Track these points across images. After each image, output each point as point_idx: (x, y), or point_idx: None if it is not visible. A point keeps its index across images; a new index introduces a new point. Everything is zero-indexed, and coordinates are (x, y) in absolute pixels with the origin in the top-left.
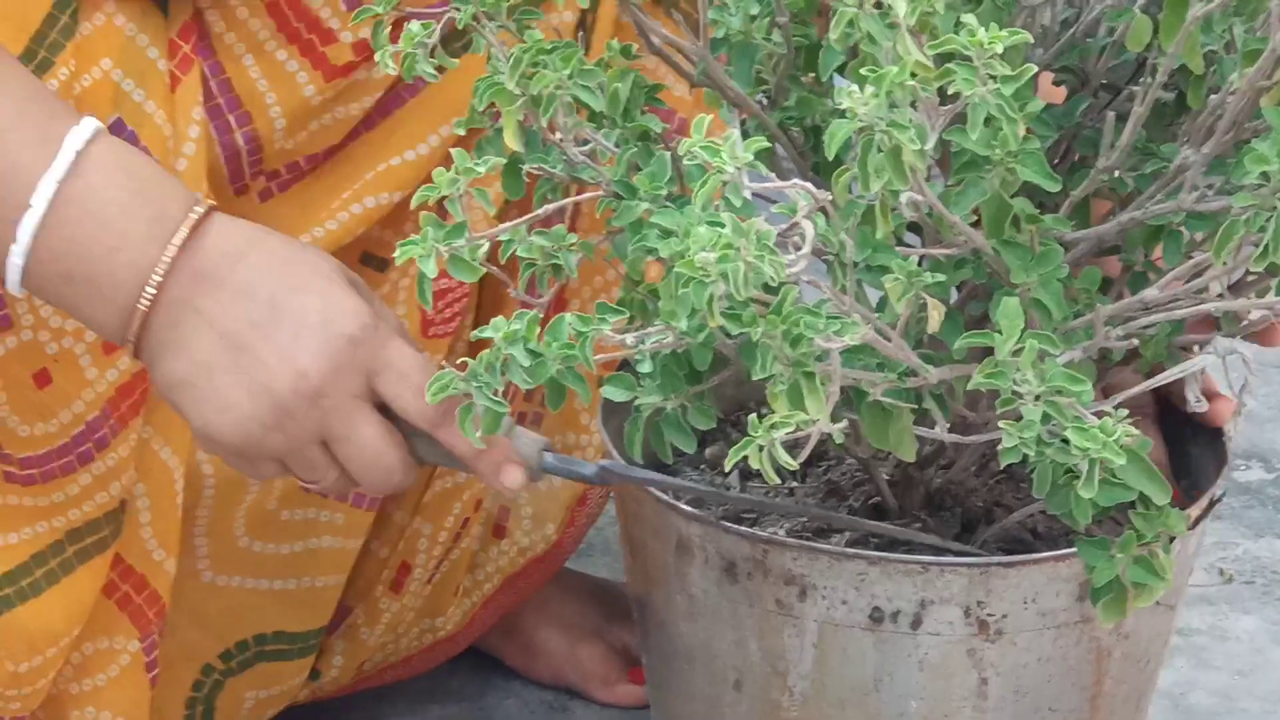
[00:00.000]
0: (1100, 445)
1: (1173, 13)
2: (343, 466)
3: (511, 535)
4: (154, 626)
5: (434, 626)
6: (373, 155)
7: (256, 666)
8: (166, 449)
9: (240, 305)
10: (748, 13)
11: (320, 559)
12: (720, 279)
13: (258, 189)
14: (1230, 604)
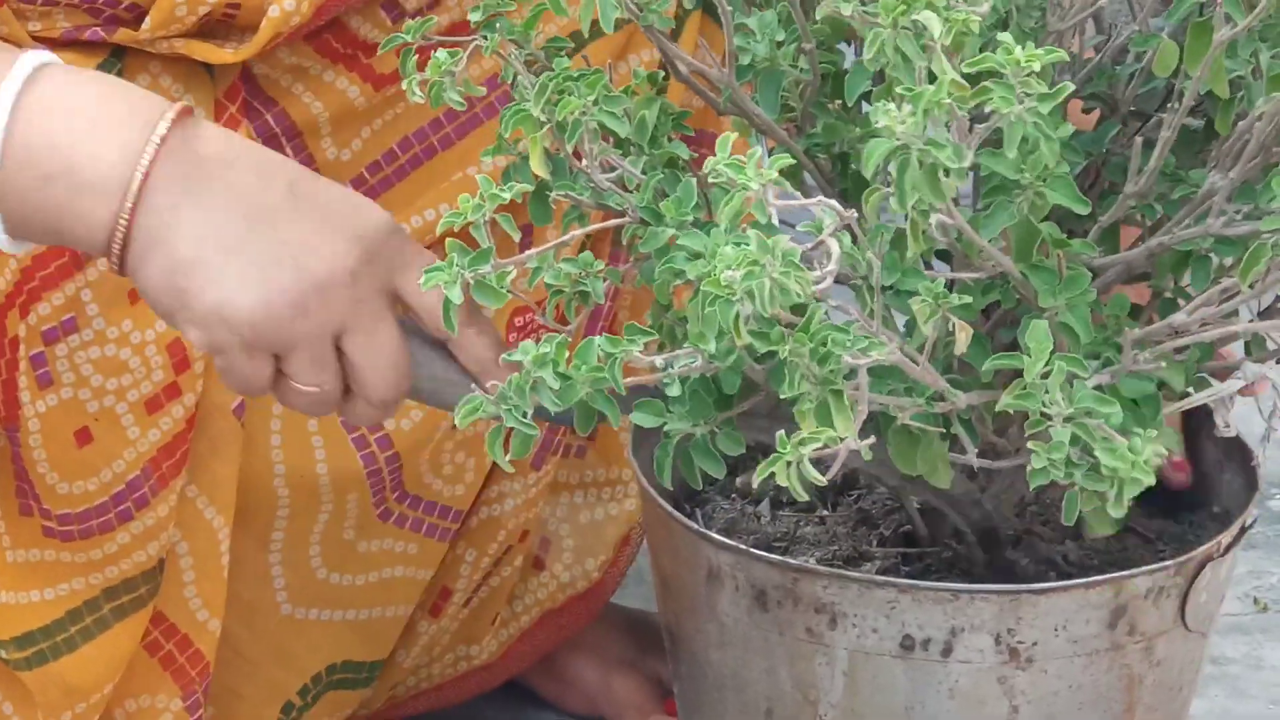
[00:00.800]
0: (1130, 465)
1: (1198, 38)
2: (349, 369)
3: (551, 569)
4: (196, 685)
5: (469, 655)
6: (449, 170)
7: (327, 696)
8: (211, 508)
9: (258, 187)
10: (773, 39)
11: (393, 589)
12: (746, 297)
13: None
14: (1265, 633)
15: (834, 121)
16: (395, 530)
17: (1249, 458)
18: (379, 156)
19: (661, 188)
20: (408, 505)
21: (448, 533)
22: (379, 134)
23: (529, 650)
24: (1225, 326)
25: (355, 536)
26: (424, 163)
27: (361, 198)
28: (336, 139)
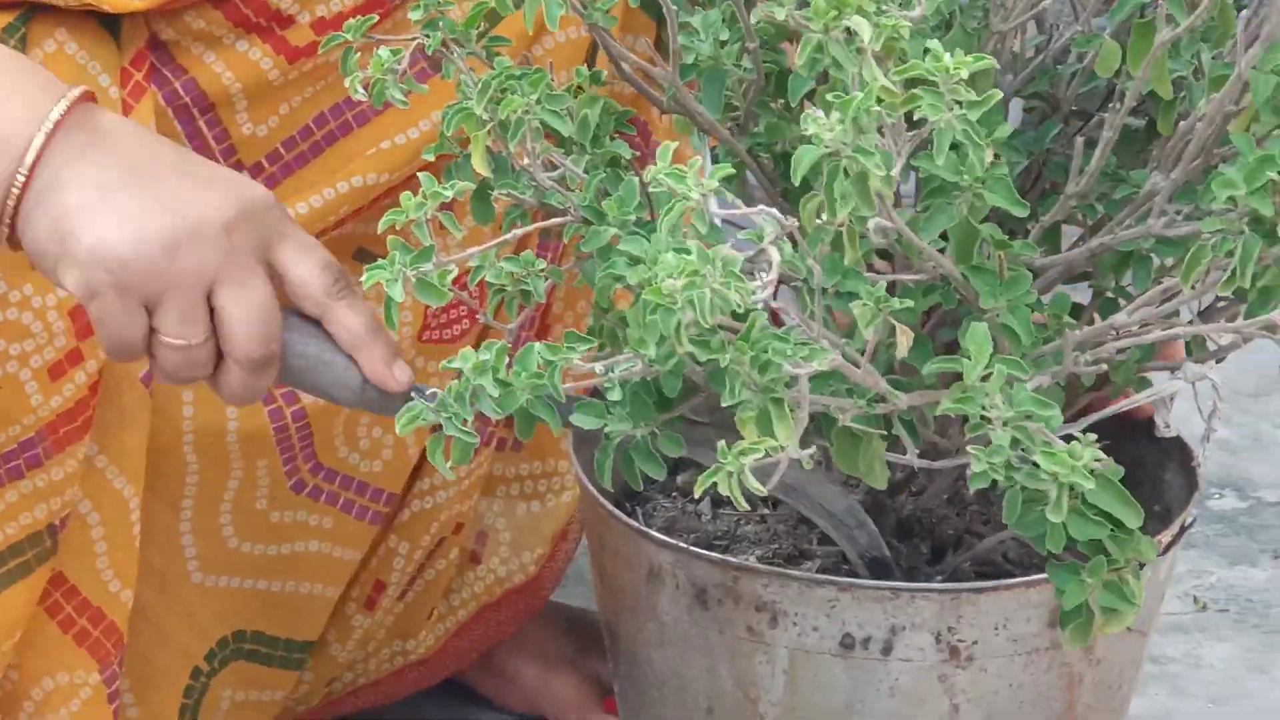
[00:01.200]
0: (1069, 469)
1: (1140, 39)
2: (219, 324)
3: (488, 562)
4: (113, 657)
5: (405, 649)
6: (363, 146)
7: (234, 664)
8: (121, 478)
9: (149, 151)
10: (717, 38)
11: (308, 564)
12: (687, 306)
13: None
14: (1205, 632)
15: (777, 121)
16: (309, 503)
17: (1189, 458)
18: (294, 132)
19: (604, 187)
20: (322, 478)
21: (376, 515)
22: (296, 111)
23: (467, 645)
24: (1166, 327)
25: (268, 506)
26: (339, 139)
27: (246, 177)
28: (252, 114)
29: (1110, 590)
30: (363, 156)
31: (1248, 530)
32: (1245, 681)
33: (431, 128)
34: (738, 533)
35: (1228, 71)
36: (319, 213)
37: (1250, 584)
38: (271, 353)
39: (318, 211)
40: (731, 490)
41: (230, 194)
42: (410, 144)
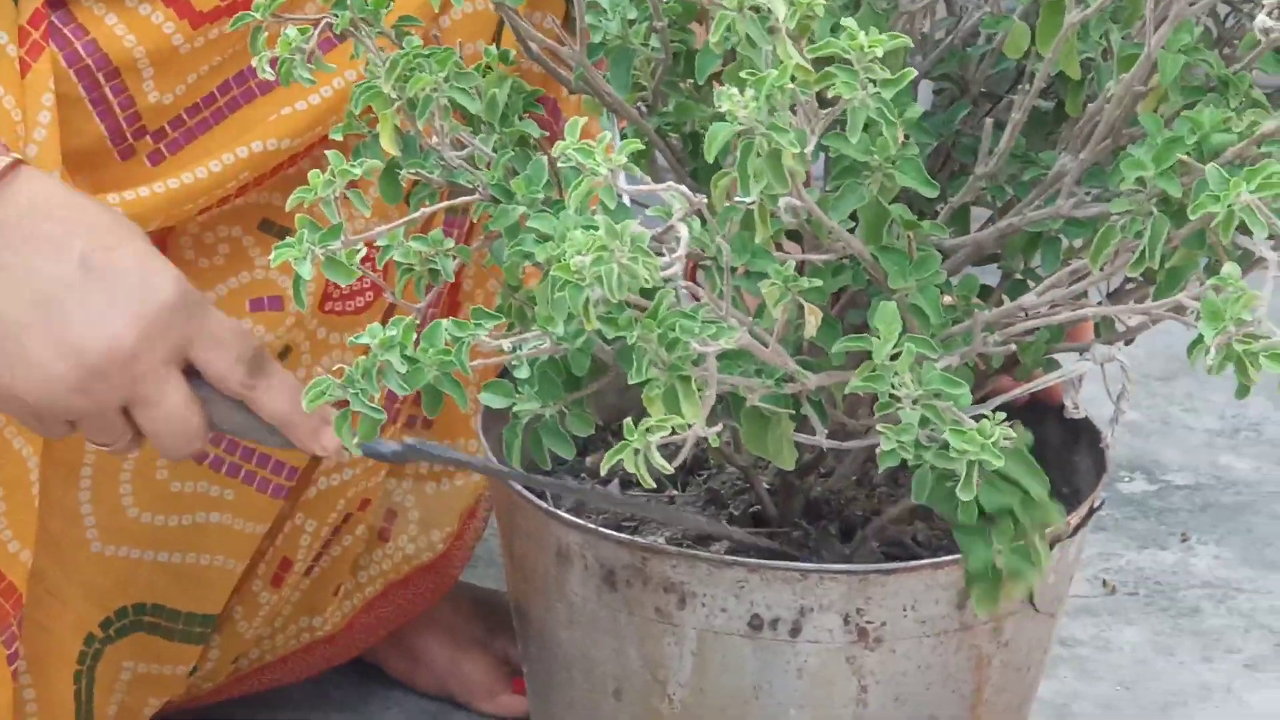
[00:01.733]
0: (979, 448)
1: (1049, 19)
2: (139, 430)
3: (396, 540)
4: (12, 618)
5: (312, 626)
6: (265, 114)
7: (134, 635)
8: (19, 438)
9: (50, 262)
10: (625, 17)
11: (210, 535)
12: (595, 282)
13: (145, 151)
14: (1114, 615)
15: (685, 101)
16: (211, 474)
17: (1098, 439)
18: (198, 99)
19: (512, 165)
20: (224, 448)
21: (279, 489)
22: (203, 79)
23: (374, 622)
24: (1075, 308)
25: (168, 476)
26: (242, 106)
27: (157, 265)
28: (159, 82)
29: (1017, 553)
30: (264, 122)
31: (1156, 513)
32: (1153, 664)
33: (334, 94)
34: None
35: (1136, 51)
36: (218, 178)
37: (1159, 567)
38: (195, 447)
39: (217, 176)
40: (638, 468)
41: (136, 310)
42: (312, 110)
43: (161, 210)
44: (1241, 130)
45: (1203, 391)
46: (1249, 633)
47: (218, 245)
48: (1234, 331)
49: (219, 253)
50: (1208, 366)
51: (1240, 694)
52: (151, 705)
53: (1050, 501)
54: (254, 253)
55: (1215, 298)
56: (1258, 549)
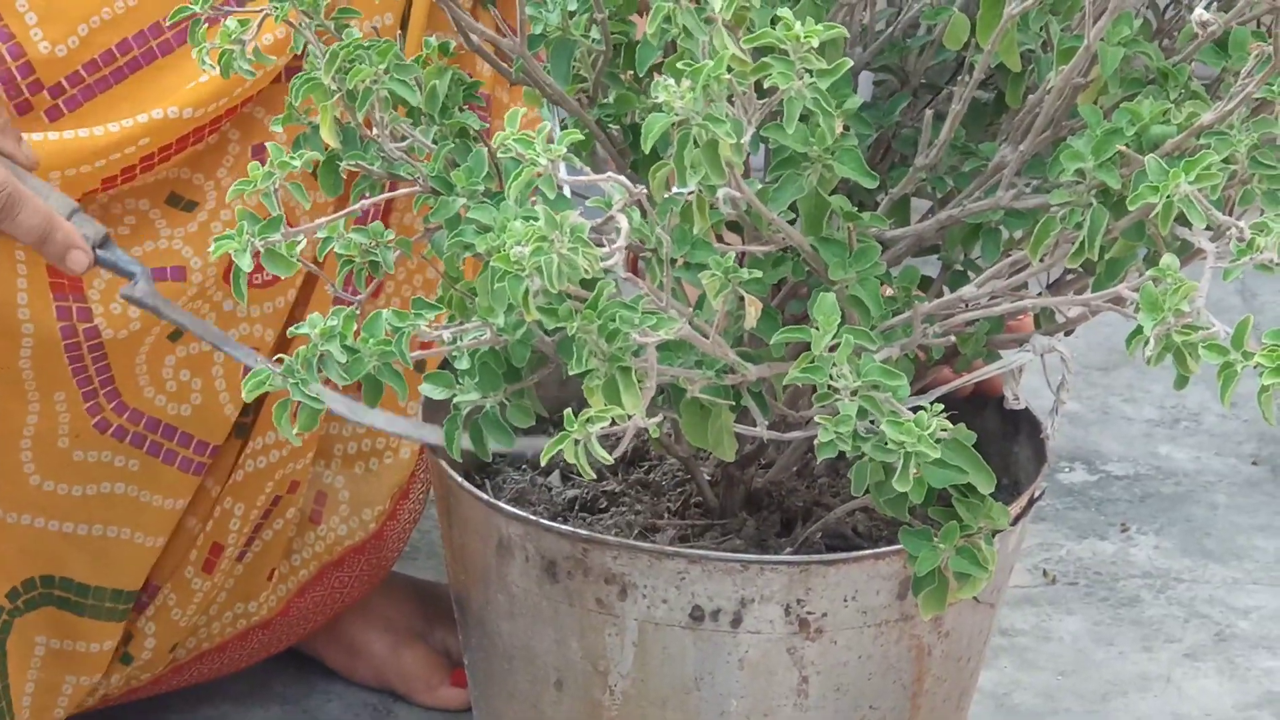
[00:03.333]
0: (915, 439)
1: (989, 10)
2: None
3: (328, 522)
4: None
5: (248, 611)
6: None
7: (44, 609)
8: None
9: None
10: (565, 9)
11: (117, 507)
12: (535, 273)
13: (43, 107)
14: (1054, 605)
15: (625, 92)
16: (115, 444)
17: (1037, 430)
18: (96, 55)
19: (452, 157)
20: (127, 419)
21: (200, 466)
22: (97, 31)
23: (310, 606)
24: (1015, 300)
25: (70, 445)
26: (143, 67)
27: None
28: (47, 30)
29: (963, 556)
30: (168, 88)
31: (1096, 504)
32: (1093, 654)
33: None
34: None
35: (1076, 44)
36: (118, 139)
37: (1099, 557)
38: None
39: (117, 137)
40: (578, 458)
41: None
42: (214, 80)
43: (58, 159)
44: (1180, 122)
45: (1142, 382)
46: (1188, 622)
47: (124, 216)
48: (1173, 322)
49: (125, 223)
50: (1147, 357)
51: (1179, 683)
52: (71, 684)
53: (994, 502)
54: (160, 224)
55: (1154, 289)
56: (1197, 539)
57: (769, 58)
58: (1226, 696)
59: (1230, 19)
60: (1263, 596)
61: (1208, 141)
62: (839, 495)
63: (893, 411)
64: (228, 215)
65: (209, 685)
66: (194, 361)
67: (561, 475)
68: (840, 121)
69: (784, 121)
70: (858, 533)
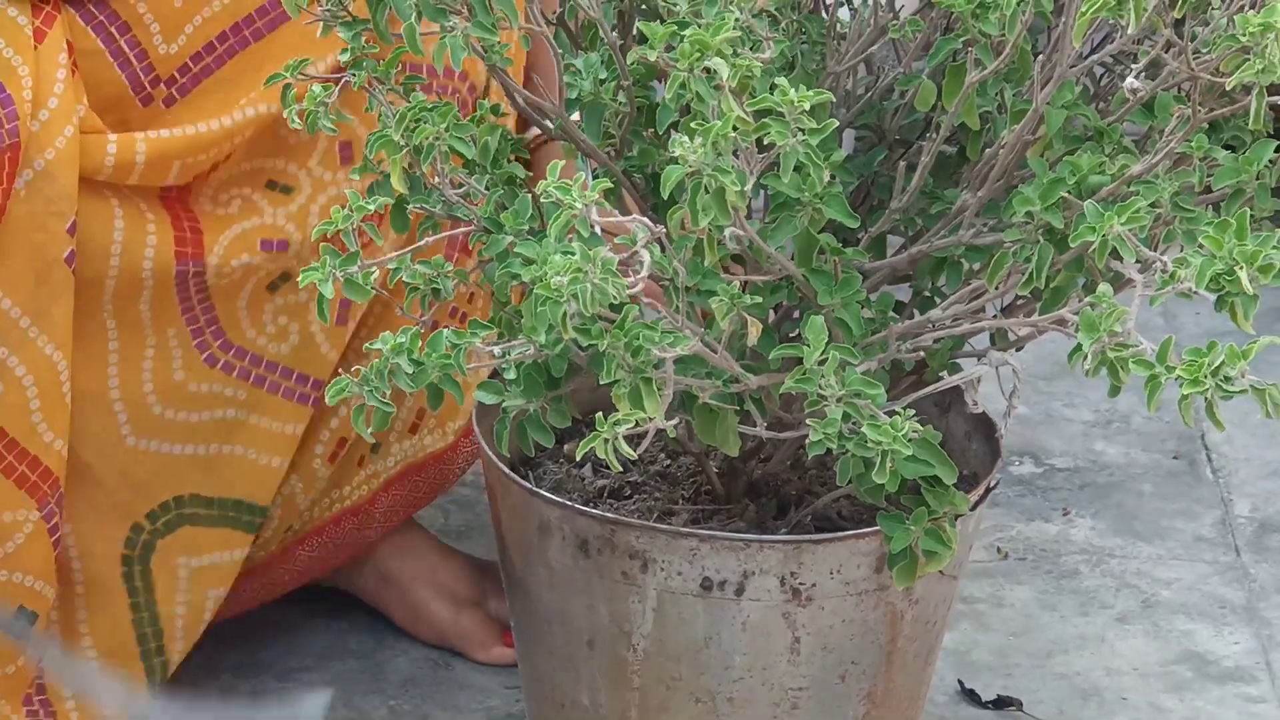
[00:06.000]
0: (891, 439)
1: (953, 79)
2: None
3: (420, 435)
4: (49, 497)
5: (341, 495)
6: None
7: (180, 530)
8: (50, 345)
9: None
10: (597, 77)
11: (232, 429)
12: (572, 298)
13: (161, 97)
14: (1006, 577)
15: (647, 147)
16: (224, 376)
17: (993, 430)
18: (200, 48)
19: (501, 202)
20: (233, 354)
21: (304, 397)
22: (199, 29)
23: (391, 503)
24: (974, 321)
25: (184, 378)
26: (238, 53)
27: None
28: (164, 34)
29: (931, 536)
30: (257, 88)
31: (1041, 491)
32: (1038, 618)
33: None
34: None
35: (1026, 106)
36: (227, 132)
37: (1044, 537)
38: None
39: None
40: (607, 454)
41: None
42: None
43: (178, 153)
44: (1114, 173)
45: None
46: (1119, 591)
47: (231, 201)
48: (1107, 341)
49: (233, 205)
50: (1085, 370)
51: (1112, 643)
52: (212, 599)
53: (957, 491)
54: (262, 205)
55: (1092, 312)
56: (1127, 521)
57: (768, 119)
58: (1151, 654)
59: (1156, 86)
60: (1182, 570)
61: (1137, 189)
62: (826, 485)
63: (872, 416)
64: (322, 200)
65: (295, 641)
66: (291, 309)
67: (593, 468)
68: (828, 172)
69: (780, 172)
70: (842, 516)
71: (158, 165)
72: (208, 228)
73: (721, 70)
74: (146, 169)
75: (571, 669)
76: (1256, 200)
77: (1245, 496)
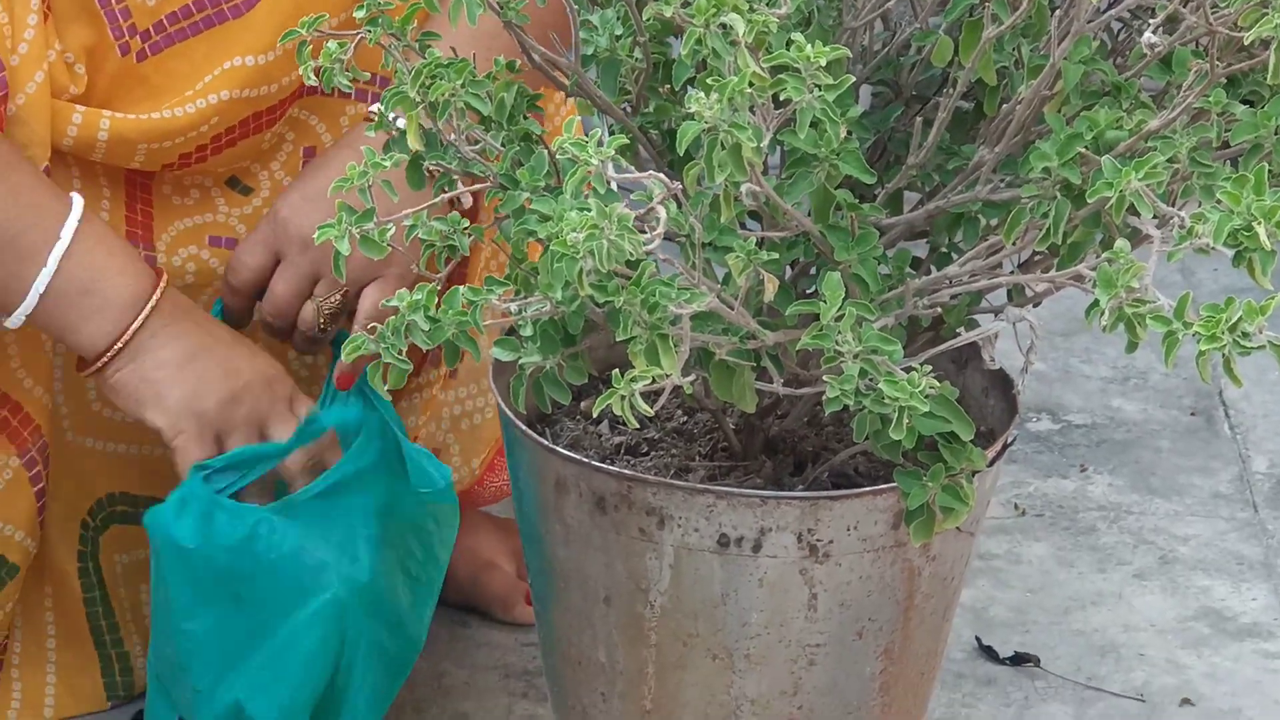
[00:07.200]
0: (908, 395)
1: (970, 34)
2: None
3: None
4: (29, 444)
5: None
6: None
7: (111, 529)
8: None
9: (205, 326)
10: (613, 33)
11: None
12: (588, 255)
13: (135, 49)
14: (1023, 533)
15: (663, 103)
16: None
17: (1010, 386)
18: (177, 9)
19: (517, 158)
20: None
21: None
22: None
23: None
24: (991, 277)
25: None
26: (215, 25)
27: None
28: None
29: (948, 492)
30: (221, 70)
31: (1059, 448)
32: (1056, 575)
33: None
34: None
35: (1043, 62)
36: (194, 119)
37: (1061, 493)
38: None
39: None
40: (623, 411)
41: (265, 359)
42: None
43: (145, 135)
44: (1131, 128)
45: (1098, 346)
46: (1137, 548)
47: (190, 190)
48: (1124, 297)
49: (191, 196)
50: (1102, 326)
51: (1129, 599)
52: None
53: (974, 447)
54: (219, 201)
55: (1109, 268)
56: (1144, 478)
57: (784, 75)
58: (1169, 610)
59: (1174, 41)
60: (1199, 526)
61: (1154, 145)
62: (843, 441)
63: (889, 372)
64: None
65: None
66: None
67: (609, 424)
68: (844, 128)
69: (797, 128)
70: (859, 473)
71: (120, 148)
72: (159, 215)
73: (737, 26)
74: (110, 149)
75: (588, 626)
76: (1275, 155)
77: (1263, 452)
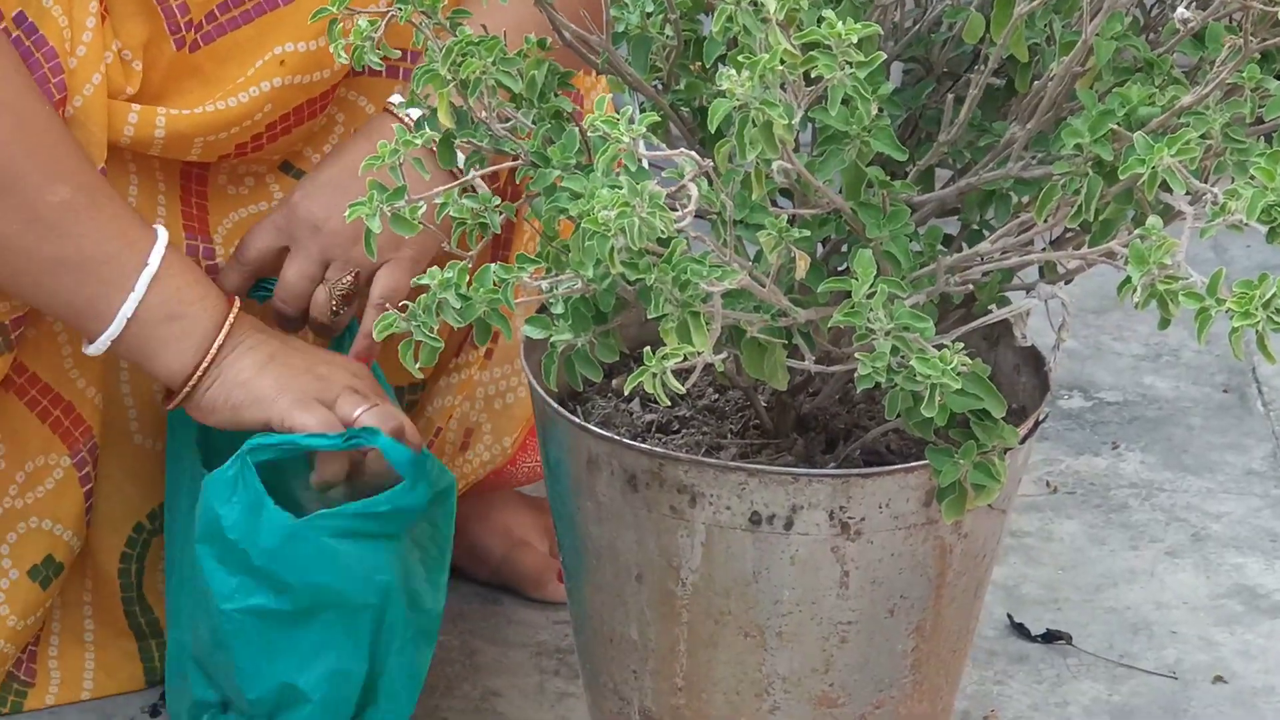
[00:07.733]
0: (940, 373)
1: (1001, 10)
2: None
3: (474, 448)
4: (81, 444)
5: None
6: (277, 33)
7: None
8: None
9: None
10: (644, 10)
11: None
12: (619, 232)
13: (189, 40)
14: (1055, 511)
15: (694, 80)
16: None
17: (1042, 364)
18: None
19: (549, 136)
20: None
21: None
22: None
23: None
24: (1023, 254)
25: None
26: (266, 13)
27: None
28: None
29: (980, 470)
30: (271, 55)
31: (1091, 425)
32: (1088, 552)
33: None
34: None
35: (1075, 38)
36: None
37: (1093, 470)
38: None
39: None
40: (655, 388)
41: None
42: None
43: (198, 130)
44: (1164, 104)
45: (1130, 323)
46: (1169, 525)
47: (245, 178)
48: (1157, 273)
49: (245, 185)
50: (1135, 302)
51: (1161, 577)
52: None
53: (1006, 425)
54: (273, 188)
55: (1141, 245)
56: (1176, 455)
57: (815, 51)
58: (1201, 588)
59: (1207, 16)
60: (1232, 504)
61: (1187, 121)
62: (875, 419)
63: (920, 349)
64: None
65: None
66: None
67: (641, 402)
68: (875, 104)
69: (828, 105)
70: (890, 450)
71: (177, 142)
72: (214, 207)
73: (769, 2)
74: (167, 145)
75: (620, 603)
76: None
77: None
